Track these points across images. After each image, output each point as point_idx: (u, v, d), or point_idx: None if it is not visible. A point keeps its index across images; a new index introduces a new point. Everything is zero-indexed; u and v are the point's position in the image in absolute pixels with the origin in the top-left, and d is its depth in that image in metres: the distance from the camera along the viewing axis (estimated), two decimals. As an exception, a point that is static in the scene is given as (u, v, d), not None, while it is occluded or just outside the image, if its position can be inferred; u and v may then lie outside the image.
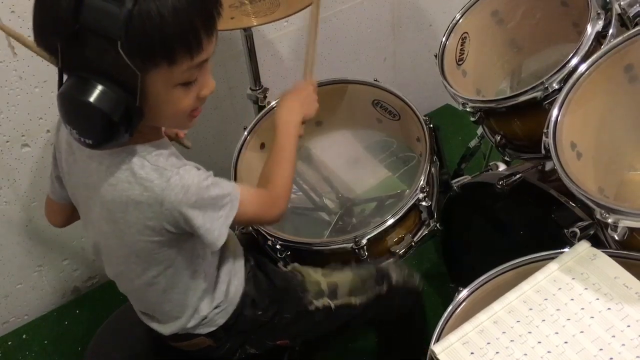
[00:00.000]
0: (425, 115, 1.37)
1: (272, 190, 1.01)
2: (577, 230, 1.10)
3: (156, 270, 0.94)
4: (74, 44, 0.73)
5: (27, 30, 1.33)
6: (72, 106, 0.77)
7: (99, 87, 0.74)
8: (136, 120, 0.79)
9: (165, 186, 0.83)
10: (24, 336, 1.76)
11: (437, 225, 1.34)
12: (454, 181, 1.41)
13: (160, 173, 0.84)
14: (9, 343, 1.74)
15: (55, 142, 0.98)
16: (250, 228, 1.29)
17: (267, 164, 1.05)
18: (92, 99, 0.74)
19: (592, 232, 1.08)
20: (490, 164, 1.46)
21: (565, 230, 1.11)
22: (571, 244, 0.96)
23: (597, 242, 0.98)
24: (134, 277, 0.96)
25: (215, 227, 0.88)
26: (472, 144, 1.74)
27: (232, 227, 0.93)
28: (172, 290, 0.98)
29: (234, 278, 1.05)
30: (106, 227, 0.91)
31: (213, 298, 1.02)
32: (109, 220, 0.89)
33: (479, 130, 1.60)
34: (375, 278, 1.17)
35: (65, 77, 0.77)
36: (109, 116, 0.75)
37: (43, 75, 1.46)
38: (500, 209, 1.36)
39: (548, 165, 1.30)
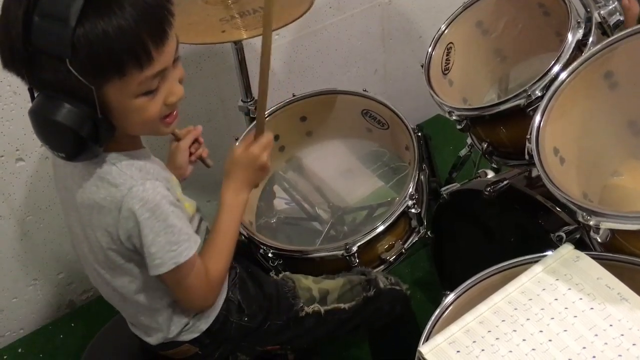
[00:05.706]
0: (416, 126, 1.39)
1: (209, 278, 0.97)
2: (563, 235, 1.11)
3: (120, 281, 0.95)
4: (32, 67, 0.77)
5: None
6: (40, 123, 0.80)
7: (62, 104, 0.77)
8: (104, 131, 0.81)
9: (126, 193, 0.85)
10: (19, 350, 1.76)
11: (428, 232, 1.36)
12: (443, 189, 1.43)
13: (125, 180, 0.86)
14: (5, 357, 1.75)
15: None
16: (242, 237, 1.30)
17: (209, 244, 1.00)
18: (56, 116, 0.77)
19: (577, 236, 1.09)
20: (479, 171, 1.48)
21: (552, 235, 1.13)
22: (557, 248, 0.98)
23: (583, 246, 0.99)
24: (104, 284, 0.98)
25: (159, 257, 0.87)
26: (463, 153, 1.77)
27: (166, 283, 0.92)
28: (143, 303, 0.98)
29: None
30: (78, 230, 0.93)
31: None
32: (80, 223, 0.92)
33: (469, 140, 1.62)
34: (363, 284, 1.19)
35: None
36: (74, 131, 0.78)
37: (37, 91, 1.48)
38: (489, 215, 1.37)
39: (534, 172, 1.32)
